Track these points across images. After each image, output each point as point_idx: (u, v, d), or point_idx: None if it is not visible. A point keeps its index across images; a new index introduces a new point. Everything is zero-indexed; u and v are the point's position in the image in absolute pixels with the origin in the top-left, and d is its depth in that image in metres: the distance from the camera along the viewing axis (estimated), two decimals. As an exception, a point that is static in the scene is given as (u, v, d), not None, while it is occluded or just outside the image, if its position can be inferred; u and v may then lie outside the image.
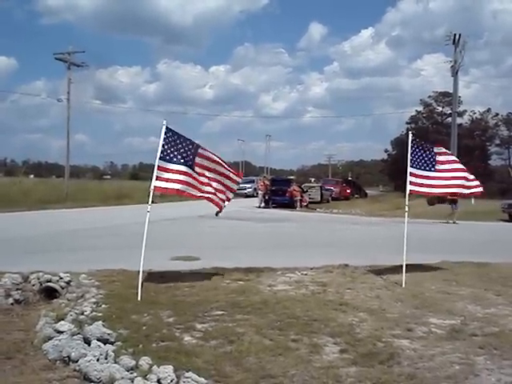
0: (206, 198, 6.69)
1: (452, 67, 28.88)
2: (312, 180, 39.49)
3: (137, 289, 5.78)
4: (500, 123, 53.30)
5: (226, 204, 6.97)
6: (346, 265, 8.05)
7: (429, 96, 54.18)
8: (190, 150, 6.47)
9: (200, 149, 6.60)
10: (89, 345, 4.02)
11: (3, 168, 70.34)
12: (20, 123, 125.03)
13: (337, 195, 38.09)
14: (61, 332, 4.29)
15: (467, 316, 5.38)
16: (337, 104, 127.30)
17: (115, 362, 3.71)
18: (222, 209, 7.03)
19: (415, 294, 6.35)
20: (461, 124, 44.53)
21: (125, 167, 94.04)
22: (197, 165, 6.53)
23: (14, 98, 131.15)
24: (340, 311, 5.44)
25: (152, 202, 6.23)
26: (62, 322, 4.49)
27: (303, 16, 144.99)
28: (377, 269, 7.92)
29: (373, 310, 5.55)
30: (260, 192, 27.10)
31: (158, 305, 5.48)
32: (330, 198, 35.28)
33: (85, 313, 4.95)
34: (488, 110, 53.63)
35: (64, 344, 3.98)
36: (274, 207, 25.95)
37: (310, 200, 29.07)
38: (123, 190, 29.93)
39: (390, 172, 56.28)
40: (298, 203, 26.30)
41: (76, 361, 3.74)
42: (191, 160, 6.44)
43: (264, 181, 28.48)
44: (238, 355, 4.02)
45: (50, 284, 6.23)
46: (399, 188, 34.80)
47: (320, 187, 33.89)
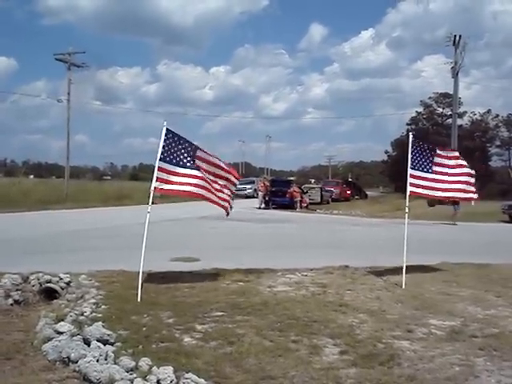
0: (207, 199, 6.67)
1: (452, 68, 28.89)
2: (312, 181, 39.48)
3: (137, 290, 5.78)
4: (500, 124, 53.26)
5: (227, 204, 6.95)
6: (346, 266, 8.05)
7: (429, 97, 54.21)
8: (189, 153, 6.47)
9: (198, 151, 6.60)
10: (88, 346, 4.02)
11: (3, 168, 70.24)
12: (20, 124, 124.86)
13: (337, 196, 38.17)
14: (60, 333, 4.28)
15: (467, 317, 5.38)
16: (337, 105, 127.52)
17: (115, 363, 3.71)
18: (228, 210, 7.00)
19: (415, 296, 6.34)
20: (461, 125, 44.49)
21: (125, 168, 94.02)
22: (196, 166, 6.52)
23: (14, 99, 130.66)
24: (340, 312, 5.44)
25: (152, 203, 6.24)
26: (62, 323, 4.49)
27: (304, 17, 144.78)
28: (377, 270, 7.92)
29: (373, 311, 5.54)
30: (260, 193, 27.10)
31: (158, 306, 5.48)
32: (330, 199, 35.33)
33: (85, 313, 4.94)
34: (488, 111, 53.61)
35: (64, 345, 3.97)
36: (274, 208, 25.96)
37: (310, 201, 29.11)
38: (123, 191, 29.93)
39: (391, 173, 56.25)
40: (298, 204, 26.31)
41: (76, 361, 3.74)
42: (190, 162, 6.44)
43: (264, 182, 28.51)
44: (238, 356, 4.02)
45: (50, 285, 6.22)
46: (399, 189, 34.75)
47: (320, 188, 33.95)
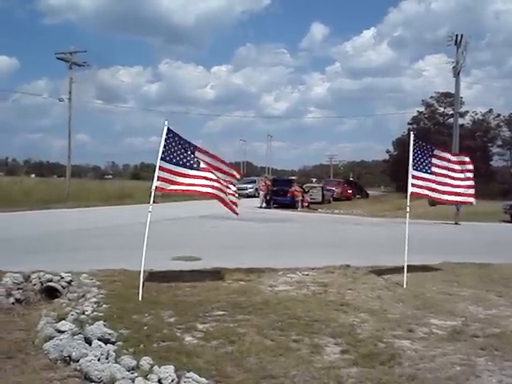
0: (211, 195, 6.63)
1: (454, 68, 28.75)
2: (313, 180, 39.52)
3: (138, 289, 5.78)
4: (502, 124, 53.31)
5: (230, 200, 6.89)
6: (348, 265, 8.04)
7: (431, 97, 54.37)
8: (189, 153, 6.46)
9: (197, 151, 6.59)
10: (90, 344, 4.02)
11: (5, 167, 70.22)
12: (21, 123, 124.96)
13: (338, 196, 38.17)
14: (62, 332, 4.29)
15: (468, 317, 5.37)
16: (338, 104, 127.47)
17: (116, 362, 3.71)
18: (233, 209, 6.94)
19: (416, 295, 6.34)
20: (462, 125, 44.51)
21: (126, 167, 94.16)
22: (197, 166, 6.51)
23: (16, 98, 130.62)
24: (341, 312, 5.43)
25: (153, 202, 6.24)
26: (63, 322, 4.49)
27: (305, 16, 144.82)
28: (378, 269, 7.92)
29: (374, 311, 5.54)
30: (261, 192, 27.09)
31: (159, 305, 5.48)
32: (332, 199, 35.32)
33: (86, 312, 4.95)
34: (490, 111, 53.68)
35: (65, 344, 3.98)
36: (276, 207, 25.96)
37: (312, 200, 29.12)
38: (125, 190, 29.93)
39: (392, 173, 56.31)
40: (300, 203, 26.28)
41: (77, 360, 3.74)
42: (190, 161, 6.44)
43: (265, 181, 28.49)
44: (239, 355, 4.02)
45: (51, 284, 6.23)
46: (401, 189, 34.75)
47: (321, 188, 33.93)
